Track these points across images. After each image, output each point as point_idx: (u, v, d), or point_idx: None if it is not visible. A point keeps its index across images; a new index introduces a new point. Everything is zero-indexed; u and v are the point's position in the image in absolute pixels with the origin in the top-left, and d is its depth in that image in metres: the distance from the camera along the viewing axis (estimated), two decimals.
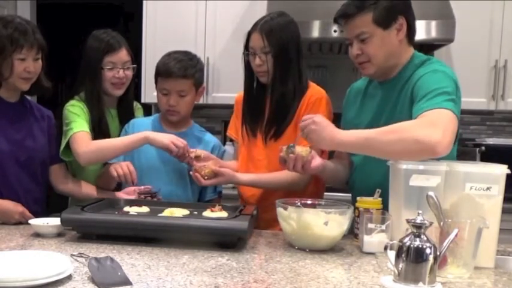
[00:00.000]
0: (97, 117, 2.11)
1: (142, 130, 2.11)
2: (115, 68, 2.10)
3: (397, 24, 1.68)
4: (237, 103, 2.11)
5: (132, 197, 1.97)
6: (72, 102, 2.12)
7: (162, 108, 2.09)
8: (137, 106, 2.33)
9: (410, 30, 1.72)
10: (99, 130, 2.10)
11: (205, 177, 1.89)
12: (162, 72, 2.02)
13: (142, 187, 1.99)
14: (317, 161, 1.74)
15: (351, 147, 1.63)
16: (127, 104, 2.23)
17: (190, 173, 1.93)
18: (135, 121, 2.17)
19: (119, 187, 2.10)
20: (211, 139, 2.18)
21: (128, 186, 2.03)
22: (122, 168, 1.94)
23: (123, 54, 2.12)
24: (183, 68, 2.00)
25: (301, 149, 1.69)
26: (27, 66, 1.88)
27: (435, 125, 1.45)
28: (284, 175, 1.87)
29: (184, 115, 2.10)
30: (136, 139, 1.99)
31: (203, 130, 2.21)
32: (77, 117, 2.06)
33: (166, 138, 1.95)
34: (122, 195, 2.01)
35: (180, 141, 1.95)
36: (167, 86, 2.02)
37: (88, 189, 2.08)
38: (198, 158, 1.97)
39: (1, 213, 1.85)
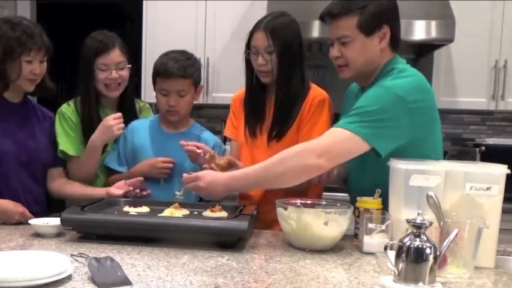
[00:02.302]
0: (89, 117, 2.11)
1: (141, 133, 2.11)
2: (108, 69, 2.09)
3: (381, 32, 1.67)
4: (234, 103, 2.10)
5: (123, 191, 1.95)
6: (63, 108, 2.14)
7: (161, 108, 2.08)
8: (145, 106, 2.31)
9: (394, 39, 1.71)
10: (91, 129, 2.09)
11: (219, 167, 1.84)
12: (161, 72, 2.02)
13: (133, 180, 1.99)
14: (334, 171, 1.76)
15: (246, 189, 1.84)
16: (127, 105, 2.21)
17: (204, 165, 1.88)
18: (133, 125, 2.15)
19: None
20: (212, 138, 2.17)
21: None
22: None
23: (115, 55, 2.10)
24: (182, 67, 2.00)
25: None
26: (34, 68, 1.89)
27: (317, 145, 1.58)
28: None
29: (184, 115, 2.10)
30: (88, 148, 2.06)
31: (203, 129, 2.20)
32: (62, 133, 2.09)
33: (101, 136, 2.02)
34: (113, 190, 1.98)
35: (109, 120, 2.00)
36: (166, 86, 2.01)
37: (82, 190, 2.06)
38: (212, 158, 1.92)
39: (1, 213, 1.85)
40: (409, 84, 1.61)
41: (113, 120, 2.00)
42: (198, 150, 1.92)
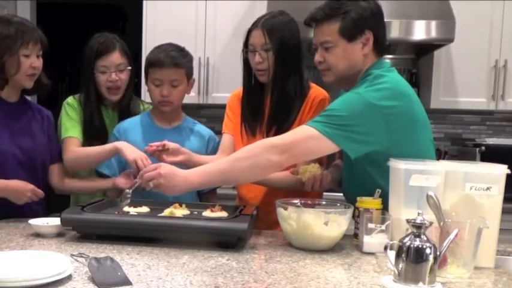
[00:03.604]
0: (93, 119, 2.13)
1: (134, 131, 2.10)
2: (108, 71, 2.10)
3: (363, 38, 1.67)
4: (232, 100, 2.09)
5: (129, 181, 1.95)
6: (69, 99, 2.18)
7: (154, 100, 2.07)
8: (149, 108, 2.29)
9: (378, 44, 1.71)
10: (92, 131, 2.12)
11: None
12: (154, 62, 2.02)
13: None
14: (328, 177, 1.80)
15: (209, 184, 1.73)
16: (124, 104, 2.21)
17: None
18: (123, 126, 2.13)
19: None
20: (206, 131, 2.18)
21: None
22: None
23: (115, 57, 2.11)
24: (175, 57, 2.02)
25: (314, 167, 1.77)
26: (33, 61, 1.90)
27: (282, 143, 1.59)
28: (290, 174, 1.87)
29: (176, 105, 2.09)
30: (107, 149, 2.01)
31: (196, 122, 2.20)
32: (67, 120, 2.12)
33: (133, 155, 1.92)
34: (119, 180, 2.01)
35: (144, 162, 1.89)
36: (159, 76, 2.02)
37: (86, 182, 2.10)
38: (166, 150, 1.90)
39: (13, 192, 1.86)
40: (381, 90, 1.60)
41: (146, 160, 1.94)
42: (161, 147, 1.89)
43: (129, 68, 2.16)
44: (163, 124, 2.12)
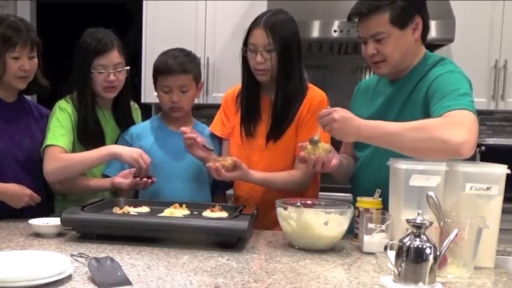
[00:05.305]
0: (88, 119, 2.03)
1: (146, 136, 2.09)
2: (105, 71, 2.00)
3: (413, 23, 1.67)
4: (226, 100, 2.07)
5: (129, 180, 1.92)
6: (62, 103, 2.05)
7: (165, 106, 2.06)
8: (134, 106, 2.27)
9: (425, 29, 1.71)
10: (89, 132, 2.03)
11: (224, 168, 1.78)
12: (162, 69, 2.01)
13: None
14: (335, 160, 1.70)
15: (375, 141, 1.57)
16: (123, 106, 2.16)
17: (209, 164, 1.79)
18: (135, 130, 2.11)
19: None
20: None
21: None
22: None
23: (114, 56, 2.02)
24: (182, 63, 2.00)
25: (322, 148, 1.65)
26: (22, 64, 1.87)
27: (461, 125, 1.45)
28: (294, 175, 1.86)
29: (187, 110, 2.09)
30: (102, 154, 1.94)
31: (205, 126, 2.19)
32: (57, 126, 1.98)
33: (132, 156, 1.89)
34: (119, 180, 1.95)
35: (145, 160, 1.89)
36: (168, 83, 2.01)
37: (85, 182, 2.02)
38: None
39: (10, 196, 1.87)
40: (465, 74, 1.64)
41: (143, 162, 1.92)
42: (198, 139, 1.90)
43: (127, 68, 2.09)
44: (174, 127, 2.10)
